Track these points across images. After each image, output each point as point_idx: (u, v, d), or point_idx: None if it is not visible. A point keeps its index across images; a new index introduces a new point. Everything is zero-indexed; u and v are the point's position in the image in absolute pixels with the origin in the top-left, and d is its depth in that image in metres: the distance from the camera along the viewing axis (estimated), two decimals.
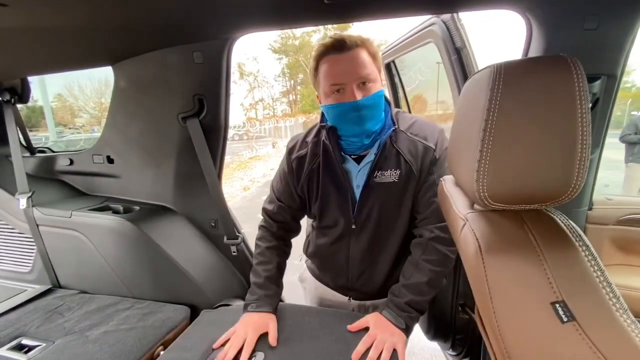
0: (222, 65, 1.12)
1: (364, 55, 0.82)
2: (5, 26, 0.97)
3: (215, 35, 1.05)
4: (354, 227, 0.97)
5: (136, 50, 1.17)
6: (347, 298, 1.10)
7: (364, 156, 0.92)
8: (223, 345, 0.90)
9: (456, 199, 0.64)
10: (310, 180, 0.98)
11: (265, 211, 1.09)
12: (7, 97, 1.49)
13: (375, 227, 0.95)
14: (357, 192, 0.93)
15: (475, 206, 0.57)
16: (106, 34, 1.05)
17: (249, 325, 0.92)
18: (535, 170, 0.45)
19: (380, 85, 0.86)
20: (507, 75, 0.45)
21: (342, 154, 0.93)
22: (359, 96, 0.81)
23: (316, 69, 0.86)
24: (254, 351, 0.92)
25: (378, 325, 0.89)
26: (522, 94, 0.44)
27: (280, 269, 1.05)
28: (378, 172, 0.90)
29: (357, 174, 0.93)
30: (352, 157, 0.93)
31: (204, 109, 1.20)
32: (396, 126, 0.89)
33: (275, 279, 1.02)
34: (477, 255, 0.47)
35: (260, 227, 1.10)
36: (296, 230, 1.11)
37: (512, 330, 0.43)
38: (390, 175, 0.90)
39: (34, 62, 1.33)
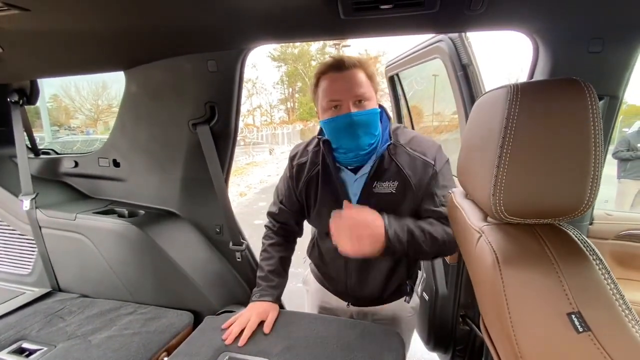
0: (235, 74, 1.15)
1: (360, 75, 0.88)
2: (24, 30, 0.99)
3: (231, 45, 1.07)
4: None
5: (151, 57, 1.19)
6: (347, 304, 1.13)
7: (361, 167, 0.96)
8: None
9: (468, 212, 0.66)
10: (308, 187, 1.03)
11: (269, 213, 1.17)
12: (16, 98, 1.49)
13: None
14: (354, 201, 0.97)
15: (490, 219, 0.59)
16: (122, 40, 1.07)
17: (253, 310, 1.00)
18: (550, 187, 0.47)
19: (375, 104, 0.91)
20: (523, 96, 0.47)
21: (338, 164, 0.97)
22: (354, 111, 0.87)
23: (316, 85, 0.92)
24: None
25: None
26: (538, 114, 0.47)
27: (283, 262, 1.11)
28: (377, 182, 0.94)
29: (354, 184, 0.97)
30: (349, 168, 0.97)
31: (215, 116, 1.22)
32: (392, 140, 0.94)
33: (278, 272, 1.09)
34: (495, 266, 0.49)
35: (265, 226, 1.18)
36: (297, 232, 1.18)
37: (529, 339, 0.44)
38: (388, 187, 0.94)
39: (46, 65, 1.35)
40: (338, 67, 0.87)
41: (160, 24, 0.96)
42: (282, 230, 1.14)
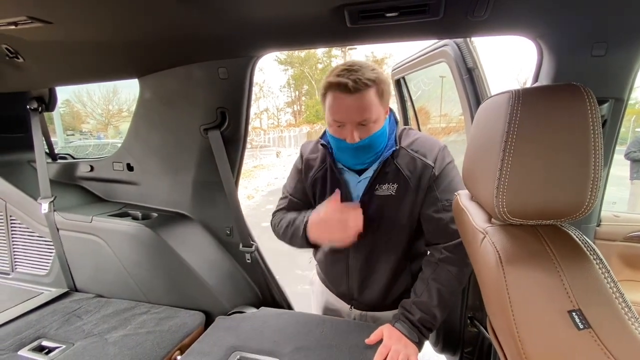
0: (245, 80, 1.18)
1: (370, 96, 0.83)
2: (45, 41, 1.04)
3: (241, 53, 1.11)
4: None
5: (164, 65, 1.23)
6: (349, 306, 1.13)
7: (364, 170, 0.96)
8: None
9: (473, 213, 0.68)
10: (315, 183, 1.04)
11: (276, 211, 1.16)
12: (35, 105, 1.55)
13: (373, 238, 0.99)
14: (356, 203, 0.97)
15: (493, 220, 0.61)
16: (137, 49, 1.12)
17: (335, 210, 0.91)
18: (551, 189, 0.48)
19: (382, 122, 0.89)
20: (525, 101, 0.49)
21: (341, 166, 0.98)
22: (356, 137, 0.85)
23: (324, 95, 0.89)
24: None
25: (392, 337, 0.92)
26: (539, 118, 0.48)
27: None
28: (378, 185, 0.95)
29: (357, 186, 0.98)
30: (353, 170, 0.98)
31: (226, 121, 1.26)
32: (398, 146, 0.93)
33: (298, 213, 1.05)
34: (498, 266, 0.51)
35: (273, 214, 1.15)
36: None
37: (531, 337, 0.46)
38: (388, 189, 0.94)
39: (65, 73, 1.40)
40: (346, 88, 0.81)
41: (173, 33, 1.00)
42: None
